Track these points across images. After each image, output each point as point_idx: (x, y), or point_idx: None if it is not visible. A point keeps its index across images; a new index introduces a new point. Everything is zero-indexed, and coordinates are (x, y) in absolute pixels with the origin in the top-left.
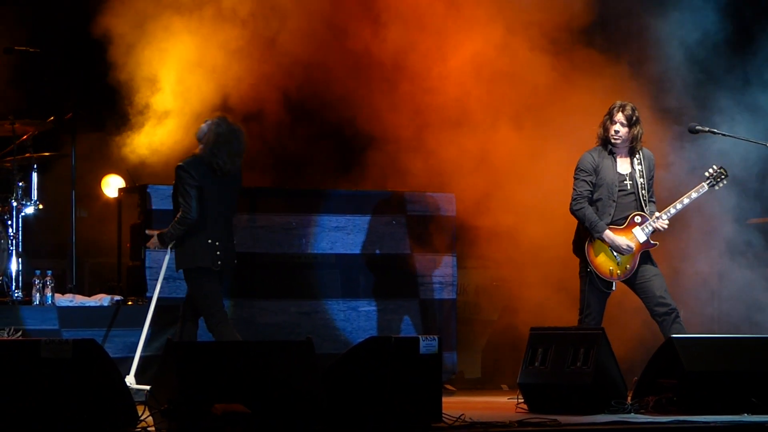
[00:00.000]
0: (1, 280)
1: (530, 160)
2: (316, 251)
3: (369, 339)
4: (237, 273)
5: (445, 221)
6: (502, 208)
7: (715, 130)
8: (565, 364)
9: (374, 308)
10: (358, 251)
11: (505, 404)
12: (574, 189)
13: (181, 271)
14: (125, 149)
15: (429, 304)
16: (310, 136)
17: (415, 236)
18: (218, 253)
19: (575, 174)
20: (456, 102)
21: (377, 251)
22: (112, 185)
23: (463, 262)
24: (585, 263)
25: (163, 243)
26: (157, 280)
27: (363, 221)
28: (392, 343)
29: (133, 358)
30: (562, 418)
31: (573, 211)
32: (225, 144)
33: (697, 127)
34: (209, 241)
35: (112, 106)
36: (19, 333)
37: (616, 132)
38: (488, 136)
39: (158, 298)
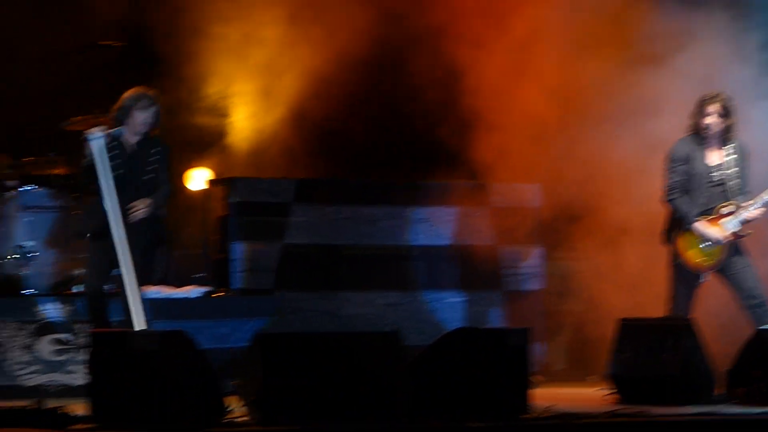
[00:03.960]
0: None
1: (619, 147)
2: (401, 243)
3: (455, 330)
4: (322, 265)
5: (530, 212)
6: (589, 197)
7: None
8: (653, 354)
9: (460, 300)
10: (443, 243)
11: (593, 395)
12: (667, 179)
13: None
14: (210, 141)
15: (515, 296)
16: (395, 126)
17: (501, 227)
18: None
19: (668, 164)
20: (541, 88)
21: (462, 243)
22: (196, 178)
23: (550, 252)
24: (675, 254)
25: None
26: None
27: (448, 213)
28: (479, 335)
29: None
30: (652, 409)
31: (666, 202)
32: None
33: None
34: None
35: (194, 99)
36: (111, 324)
37: (709, 125)
38: (575, 122)
39: (244, 289)
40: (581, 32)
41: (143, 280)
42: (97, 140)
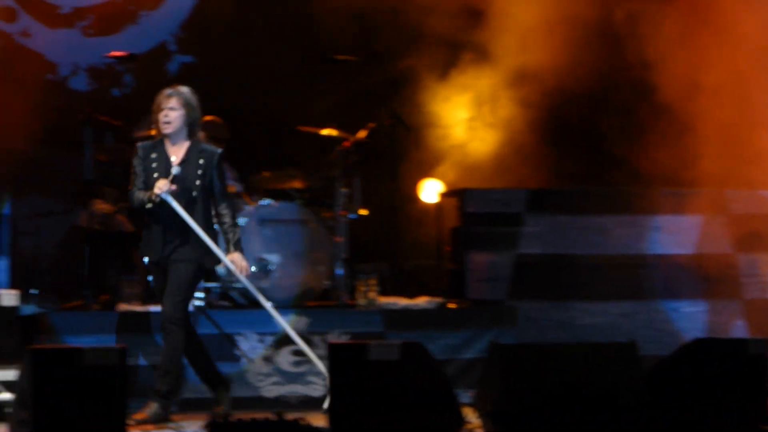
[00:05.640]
0: (328, 285)
1: None
2: (635, 252)
3: (695, 340)
4: (555, 275)
5: None
6: None
7: None
8: None
9: (697, 309)
10: (679, 251)
11: None
12: None
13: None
14: (444, 153)
15: (755, 305)
16: (621, 131)
17: (738, 235)
18: None
19: None
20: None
21: (699, 251)
22: (430, 189)
23: None
24: None
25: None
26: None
27: (683, 221)
28: (718, 345)
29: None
30: None
31: None
32: None
33: None
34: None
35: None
36: (347, 336)
37: None
38: None
39: (477, 300)
40: None
41: None
42: (167, 194)
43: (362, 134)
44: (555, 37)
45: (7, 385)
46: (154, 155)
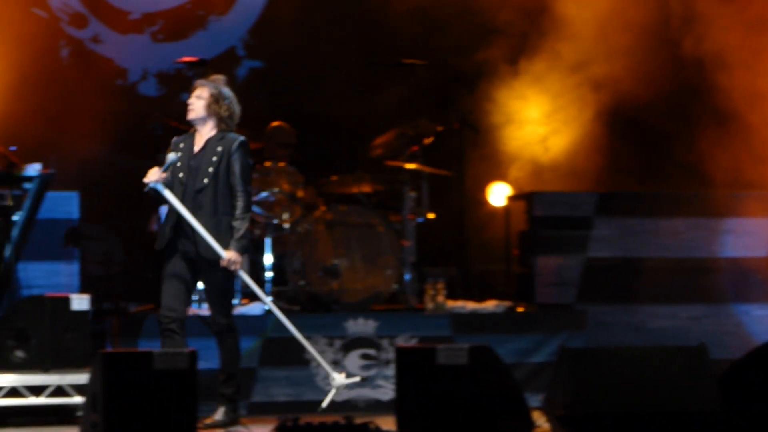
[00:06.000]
0: (397, 289)
1: None
2: (705, 255)
3: (766, 344)
4: (624, 278)
5: None
6: None
7: None
8: None
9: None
10: (748, 254)
11: None
12: None
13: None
14: (512, 156)
15: None
16: (692, 133)
17: None
18: None
19: None
20: None
21: None
22: (498, 193)
23: None
24: None
25: (243, 252)
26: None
27: (753, 224)
28: None
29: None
30: None
31: None
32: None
33: None
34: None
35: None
36: (415, 340)
37: None
38: None
39: (544, 304)
40: None
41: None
42: (159, 186)
43: (430, 137)
44: (620, 40)
45: (78, 389)
46: (182, 145)
